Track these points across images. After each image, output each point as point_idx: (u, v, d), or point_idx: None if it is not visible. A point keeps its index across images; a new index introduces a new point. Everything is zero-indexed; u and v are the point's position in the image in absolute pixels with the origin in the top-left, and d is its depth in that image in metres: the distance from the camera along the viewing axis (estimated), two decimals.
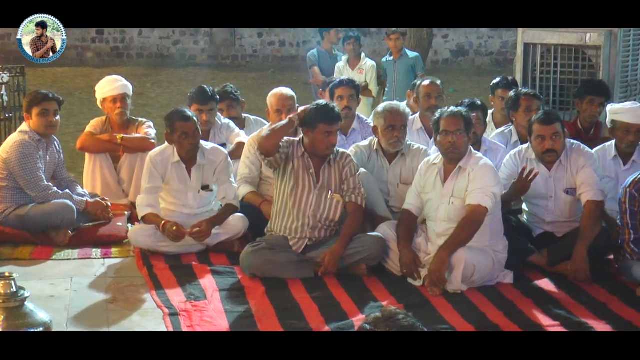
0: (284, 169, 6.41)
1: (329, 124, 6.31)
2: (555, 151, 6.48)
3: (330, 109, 6.37)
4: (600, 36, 8.05)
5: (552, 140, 6.46)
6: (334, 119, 6.34)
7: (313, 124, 6.32)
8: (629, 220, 6.14)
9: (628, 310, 5.73)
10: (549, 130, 6.46)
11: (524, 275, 6.37)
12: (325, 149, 6.37)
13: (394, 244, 6.34)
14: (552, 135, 6.46)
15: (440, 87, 7.82)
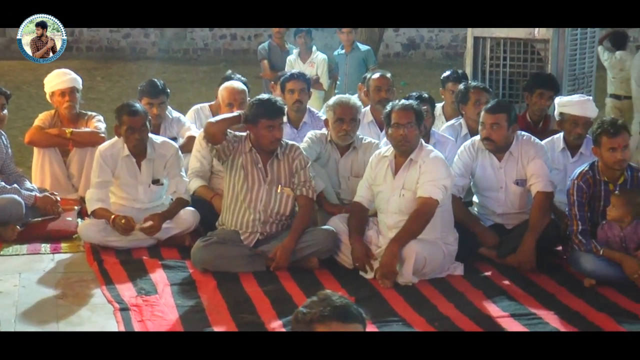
0: (233, 163, 6.39)
1: (271, 119, 6.28)
2: (492, 140, 6.53)
3: (271, 103, 6.34)
4: (548, 30, 8.11)
5: (491, 129, 6.51)
6: (276, 113, 6.32)
7: (255, 120, 6.30)
8: (576, 211, 6.21)
9: (576, 300, 5.80)
10: (490, 119, 6.52)
11: (474, 267, 6.43)
12: (270, 143, 6.35)
13: (345, 237, 6.35)
14: (492, 125, 6.51)
15: (390, 80, 7.84)
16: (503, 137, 6.53)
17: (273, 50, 10.96)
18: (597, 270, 6.07)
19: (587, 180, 6.20)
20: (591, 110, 6.98)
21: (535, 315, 5.54)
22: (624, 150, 6.11)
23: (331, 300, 3.01)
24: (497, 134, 6.52)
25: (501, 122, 6.51)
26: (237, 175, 6.38)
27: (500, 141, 6.54)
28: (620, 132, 6.10)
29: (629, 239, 6.11)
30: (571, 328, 5.35)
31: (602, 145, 6.13)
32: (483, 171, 6.67)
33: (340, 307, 2.99)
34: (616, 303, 5.75)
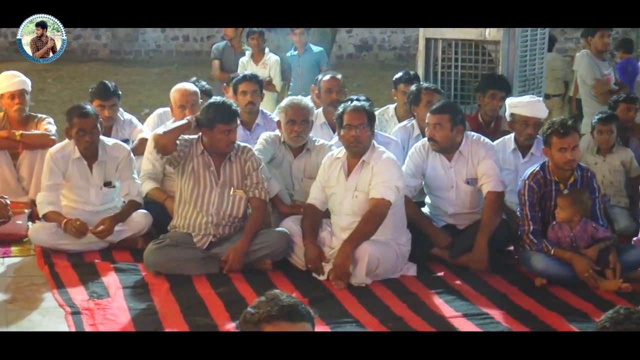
0: (184, 167, 6.36)
1: (227, 123, 6.26)
2: (435, 140, 6.57)
3: (226, 107, 6.32)
4: (499, 31, 8.17)
5: (434, 130, 6.55)
6: (232, 118, 6.30)
7: (211, 124, 6.27)
8: (528, 211, 6.26)
9: (527, 299, 5.85)
10: (433, 120, 6.56)
11: (427, 268, 6.46)
12: (226, 147, 6.33)
13: (298, 238, 6.35)
14: (434, 125, 6.55)
15: (341, 81, 7.85)
16: (446, 137, 6.56)
17: (226, 51, 10.92)
18: (548, 270, 6.12)
19: (538, 181, 6.26)
20: (541, 110, 7.05)
21: (487, 315, 5.58)
22: (574, 150, 6.17)
23: (279, 300, 3.01)
24: (439, 135, 6.55)
25: (444, 122, 6.54)
26: (189, 178, 6.35)
27: (443, 141, 6.57)
28: (570, 132, 6.17)
29: (579, 238, 6.18)
30: (523, 327, 5.40)
31: (553, 145, 6.19)
32: (434, 171, 6.71)
33: (287, 307, 2.99)
34: (567, 302, 5.81)
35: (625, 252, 6.23)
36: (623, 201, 7.42)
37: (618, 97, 8.03)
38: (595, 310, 5.60)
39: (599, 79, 9.56)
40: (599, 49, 9.72)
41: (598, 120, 7.46)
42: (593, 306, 5.68)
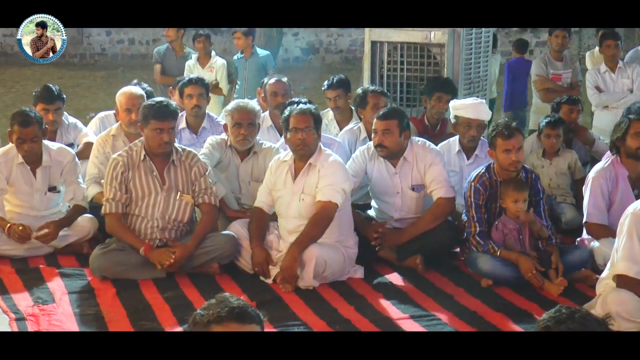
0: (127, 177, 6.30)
1: (160, 120, 6.21)
2: (385, 147, 6.60)
3: (163, 105, 6.28)
4: (444, 34, 8.23)
5: (383, 136, 6.57)
6: (166, 116, 6.24)
7: (146, 120, 6.24)
8: (474, 213, 6.31)
9: (474, 300, 5.90)
10: (381, 126, 6.57)
11: (374, 270, 6.48)
12: (158, 146, 6.28)
13: (245, 242, 6.34)
14: (383, 131, 6.57)
15: (286, 84, 7.86)
16: (395, 143, 6.59)
17: (168, 55, 10.83)
18: (494, 271, 6.17)
19: (483, 182, 6.31)
20: (484, 113, 7.11)
21: (434, 316, 5.61)
22: (518, 151, 6.23)
23: (228, 302, 3.02)
24: (389, 140, 6.57)
25: (392, 128, 6.56)
26: (133, 184, 6.31)
27: (393, 147, 6.59)
28: (514, 134, 6.22)
29: (523, 228, 6.24)
30: (469, 328, 5.44)
31: (497, 147, 6.24)
32: (379, 176, 6.73)
33: (237, 308, 2.99)
34: (512, 303, 5.86)
35: (569, 252, 6.30)
36: (569, 199, 7.53)
37: (561, 99, 8.12)
38: (540, 310, 5.65)
39: (541, 75, 9.66)
40: (553, 48, 9.84)
41: (546, 124, 7.54)
42: (538, 306, 5.73)
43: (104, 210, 6.33)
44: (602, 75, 9.29)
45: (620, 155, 6.46)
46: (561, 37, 9.70)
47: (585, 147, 8.04)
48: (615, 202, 6.41)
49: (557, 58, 9.75)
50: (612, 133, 6.53)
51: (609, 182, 6.44)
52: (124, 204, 6.28)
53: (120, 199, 6.26)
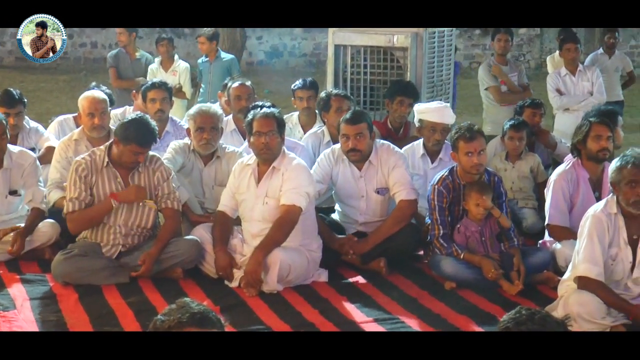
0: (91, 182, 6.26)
1: (141, 146, 6.19)
2: (359, 150, 6.62)
3: (148, 130, 6.21)
4: (406, 38, 8.26)
5: (356, 140, 6.59)
6: (148, 142, 6.22)
7: (127, 141, 6.19)
8: (437, 216, 6.33)
9: (438, 303, 5.92)
10: (354, 130, 6.59)
11: (339, 274, 6.48)
12: (131, 164, 6.27)
13: (209, 246, 6.33)
14: (355, 135, 6.59)
15: (250, 88, 7.85)
16: (368, 146, 6.62)
17: (122, 58, 10.74)
18: (458, 274, 6.20)
19: (447, 185, 6.34)
20: (449, 116, 7.15)
21: (398, 319, 5.63)
22: (480, 154, 6.26)
23: (189, 307, 3.01)
24: (362, 144, 6.59)
25: (364, 131, 6.59)
26: (96, 190, 6.27)
27: (365, 150, 6.62)
28: (476, 137, 6.25)
29: (485, 230, 6.27)
30: (433, 331, 5.45)
31: (460, 150, 6.27)
32: (344, 180, 6.75)
33: (198, 314, 2.99)
34: (476, 305, 5.89)
35: (531, 255, 6.35)
36: (531, 203, 7.58)
37: (524, 102, 8.18)
38: (503, 312, 5.59)
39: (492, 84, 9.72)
40: (497, 52, 9.91)
41: (510, 127, 7.59)
42: (501, 308, 5.76)
43: (66, 209, 6.26)
44: (563, 78, 9.37)
45: (581, 158, 6.51)
46: (503, 40, 9.78)
47: (547, 150, 8.10)
48: (576, 205, 6.47)
49: (501, 62, 9.82)
50: (573, 136, 6.59)
51: (570, 184, 6.49)
52: (87, 204, 6.24)
53: (84, 199, 6.22)
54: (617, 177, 5.30)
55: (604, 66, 10.43)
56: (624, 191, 5.27)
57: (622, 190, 5.28)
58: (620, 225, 5.35)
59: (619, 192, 5.30)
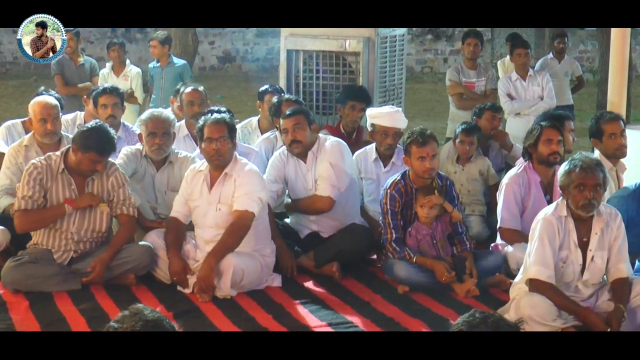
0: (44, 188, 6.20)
1: (100, 155, 6.15)
2: (299, 141, 6.65)
3: (107, 140, 6.17)
4: (359, 43, 8.29)
5: (295, 132, 6.64)
6: (106, 152, 6.18)
7: (86, 149, 6.14)
8: (390, 220, 6.36)
9: (391, 307, 5.94)
10: (291, 122, 6.65)
11: (292, 278, 6.49)
12: (88, 172, 6.22)
13: (162, 252, 6.30)
14: (293, 127, 6.64)
15: (202, 93, 7.82)
16: (307, 137, 6.67)
17: (66, 65, 10.61)
18: (411, 277, 6.23)
19: (399, 189, 6.37)
20: (401, 121, 7.18)
21: (351, 323, 5.64)
22: (432, 159, 6.30)
23: (142, 314, 2.99)
24: (301, 134, 6.64)
25: (302, 122, 6.64)
26: (50, 195, 6.21)
27: (306, 141, 6.67)
28: (428, 141, 6.29)
29: (436, 232, 6.31)
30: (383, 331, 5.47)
31: (412, 154, 6.30)
32: (294, 177, 6.79)
33: (152, 322, 2.97)
34: (429, 309, 5.92)
35: (483, 258, 6.40)
36: (478, 209, 7.59)
37: (484, 106, 8.23)
38: (456, 315, 5.70)
39: (453, 80, 9.77)
40: (465, 56, 9.97)
41: (461, 131, 7.63)
42: (454, 312, 5.80)
43: (17, 206, 6.18)
44: (514, 83, 9.46)
45: (533, 162, 6.58)
46: (473, 45, 9.83)
47: (501, 153, 8.16)
48: (528, 208, 6.52)
49: (470, 66, 9.88)
50: (525, 140, 6.65)
51: (522, 187, 6.55)
52: (40, 205, 6.18)
53: (37, 200, 6.16)
54: (566, 181, 5.35)
55: (553, 71, 10.55)
56: (573, 194, 5.33)
57: (571, 194, 5.34)
58: (570, 228, 5.41)
59: (569, 196, 5.36)
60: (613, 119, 6.90)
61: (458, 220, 6.36)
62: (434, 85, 18.76)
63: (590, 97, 15.63)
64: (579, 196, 5.31)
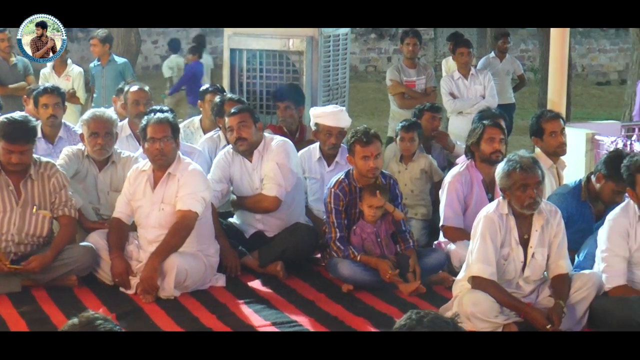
0: None
1: (10, 143, 6.03)
2: (244, 139, 6.65)
3: (16, 126, 6.05)
4: (302, 42, 8.30)
5: (240, 129, 6.64)
6: (16, 139, 6.03)
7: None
8: (334, 219, 6.37)
9: (335, 306, 5.95)
10: (236, 119, 6.65)
11: (236, 278, 6.47)
12: (7, 164, 6.11)
13: (104, 253, 6.24)
14: (239, 124, 6.64)
15: (148, 93, 7.77)
16: (252, 134, 6.67)
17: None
18: (355, 276, 6.25)
19: (343, 189, 6.38)
20: (344, 120, 7.19)
21: (296, 322, 5.64)
22: (376, 158, 6.31)
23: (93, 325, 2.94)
24: (246, 132, 6.65)
25: (247, 120, 6.65)
26: None
27: (251, 139, 6.67)
28: (372, 141, 6.31)
29: (380, 231, 6.34)
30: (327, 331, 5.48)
31: (356, 153, 6.32)
32: (240, 176, 6.78)
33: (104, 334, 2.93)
34: (373, 307, 5.94)
35: (426, 255, 6.44)
36: (421, 212, 7.54)
37: (423, 106, 8.25)
38: (399, 313, 5.74)
39: (394, 80, 9.80)
40: (405, 55, 10.01)
41: (401, 128, 7.65)
42: (398, 310, 5.83)
43: None
44: (456, 82, 9.53)
45: (475, 160, 6.63)
46: (412, 44, 9.87)
47: (443, 152, 8.21)
48: (470, 206, 6.58)
49: (410, 65, 9.92)
50: (467, 138, 6.71)
51: (464, 186, 6.60)
52: None
53: None
54: (508, 182, 5.40)
55: (495, 70, 10.65)
56: (517, 195, 5.37)
57: (514, 195, 5.39)
58: (511, 225, 5.46)
59: (511, 197, 5.41)
60: (553, 117, 6.99)
61: (401, 219, 6.40)
62: (378, 84, 18.83)
63: (531, 95, 15.82)
64: (523, 196, 5.36)
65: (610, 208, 5.92)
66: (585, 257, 5.88)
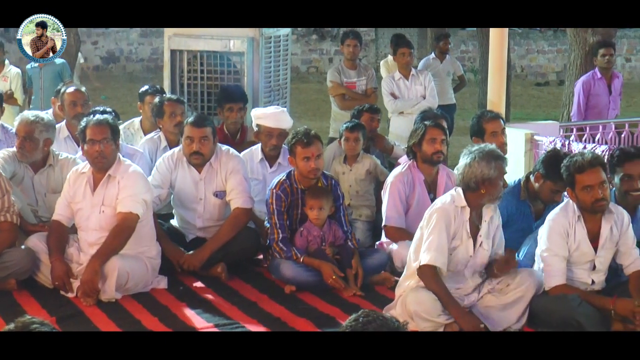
0: None
1: None
2: (202, 154, 6.60)
3: None
4: (243, 43, 8.28)
5: (200, 143, 6.58)
6: None
7: None
8: (276, 220, 6.36)
9: (278, 307, 5.95)
10: (199, 133, 6.59)
11: (178, 280, 6.44)
12: None
13: (44, 256, 6.17)
14: (200, 139, 6.58)
15: (85, 94, 7.70)
16: (211, 150, 6.62)
17: None
18: (297, 277, 6.25)
19: (285, 189, 6.38)
20: (286, 121, 7.20)
21: (238, 324, 5.63)
22: (317, 159, 6.32)
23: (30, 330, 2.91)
24: (206, 148, 6.60)
25: (209, 135, 6.60)
26: None
27: (208, 154, 6.62)
28: (313, 142, 6.31)
29: (327, 235, 6.35)
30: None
31: (297, 154, 6.32)
32: (183, 183, 6.72)
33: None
34: (315, 307, 5.95)
35: (369, 256, 6.46)
36: (365, 214, 7.53)
37: (362, 107, 8.27)
38: (342, 314, 5.77)
39: (334, 82, 9.82)
40: (345, 57, 10.03)
41: (345, 128, 7.66)
42: (340, 310, 5.85)
43: None
44: (397, 82, 9.57)
45: (417, 160, 6.67)
46: (352, 45, 9.90)
47: (383, 154, 8.23)
48: (412, 206, 6.62)
49: (350, 66, 9.94)
50: (409, 139, 6.74)
51: (407, 186, 6.64)
52: None
53: None
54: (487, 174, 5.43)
55: (436, 70, 10.73)
56: (494, 185, 5.45)
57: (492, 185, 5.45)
58: (465, 218, 5.50)
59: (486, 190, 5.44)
60: (494, 117, 7.06)
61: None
62: (320, 85, 18.86)
63: (472, 96, 15.96)
64: (499, 187, 5.48)
65: (549, 207, 6.00)
66: (525, 255, 5.94)
